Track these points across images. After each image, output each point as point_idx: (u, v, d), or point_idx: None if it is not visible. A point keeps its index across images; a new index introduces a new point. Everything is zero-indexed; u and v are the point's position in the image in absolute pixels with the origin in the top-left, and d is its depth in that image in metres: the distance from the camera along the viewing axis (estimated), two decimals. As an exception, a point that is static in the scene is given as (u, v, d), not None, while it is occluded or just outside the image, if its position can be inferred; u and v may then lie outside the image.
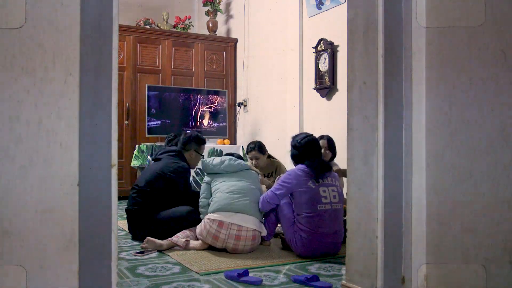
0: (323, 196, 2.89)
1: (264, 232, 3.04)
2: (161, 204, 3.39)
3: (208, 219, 2.99)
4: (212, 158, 3.32)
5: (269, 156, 4.29)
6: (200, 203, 3.21)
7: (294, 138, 3.16)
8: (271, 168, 4.25)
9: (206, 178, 3.29)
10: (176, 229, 3.22)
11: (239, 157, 3.47)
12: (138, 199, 3.40)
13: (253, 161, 4.16)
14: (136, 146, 5.23)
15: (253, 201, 3.05)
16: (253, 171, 3.42)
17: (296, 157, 3.09)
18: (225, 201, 2.99)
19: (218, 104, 5.92)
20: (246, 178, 3.21)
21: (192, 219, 3.26)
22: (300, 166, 3.02)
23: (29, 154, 1.51)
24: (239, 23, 6.38)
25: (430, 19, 1.98)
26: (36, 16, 1.51)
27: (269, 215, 3.09)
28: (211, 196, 3.14)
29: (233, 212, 2.95)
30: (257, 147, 4.17)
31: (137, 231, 3.39)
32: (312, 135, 3.19)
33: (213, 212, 3.00)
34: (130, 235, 3.50)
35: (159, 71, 6.02)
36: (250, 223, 2.95)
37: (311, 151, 3.04)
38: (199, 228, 3.08)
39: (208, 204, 3.11)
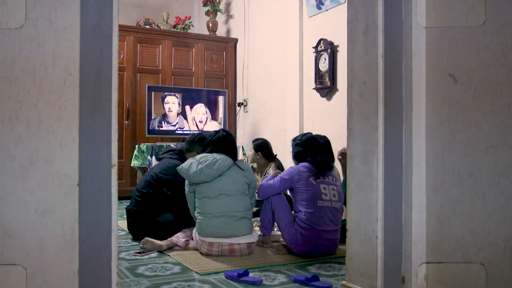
0: (323, 193, 2.94)
1: (256, 238, 3.00)
2: (160, 205, 3.38)
3: (198, 238, 2.94)
4: (188, 163, 2.98)
5: (272, 159, 4.31)
6: (191, 213, 3.12)
7: (294, 139, 3.24)
8: (266, 168, 4.33)
9: (188, 186, 3.06)
10: (174, 231, 3.21)
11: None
12: (138, 200, 3.41)
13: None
14: (136, 146, 5.23)
15: (241, 216, 2.92)
16: (240, 165, 3.08)
17: (299, 154, 3.13)
18: (213, 229, 2.88)
19: (218, 104, 5.92)
20: (231, 182, 2.96)
21: (188, 221, 3.25)
22: (303, 163, 3.08)
23: (29, 154, 1.51)
24: (239, 23, 6.38)
25: (430, 19, 1.98)
26: (36, 16, 1.51)
27: (265, 210, 3.06)
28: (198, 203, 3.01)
29: (221, 237, 2.89)
30: (254, 143, 4.29)
31: (136, 232, 3.39)
32: (311, 133, 3.30)
33: (200, 235, 2.93)
34: (131, 235, 3.50)
35: (159, 71, 6.02)
36: (241, 240, 2.90)
37: (312, 147, 3.11)
38: (194, 235, 3.04)
39: (198, 213, 2.98)
